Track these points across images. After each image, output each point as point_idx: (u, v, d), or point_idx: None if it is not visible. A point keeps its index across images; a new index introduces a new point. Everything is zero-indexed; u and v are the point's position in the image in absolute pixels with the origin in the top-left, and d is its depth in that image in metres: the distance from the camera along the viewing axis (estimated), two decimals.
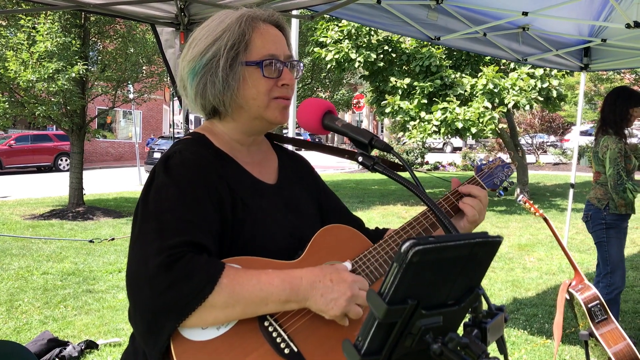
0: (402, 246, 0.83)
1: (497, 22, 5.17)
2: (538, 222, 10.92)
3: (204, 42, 1.40)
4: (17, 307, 5.86)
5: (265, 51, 1.40)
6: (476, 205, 1.53)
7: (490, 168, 1.69)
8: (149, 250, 1.21)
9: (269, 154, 1.59)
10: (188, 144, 1.43)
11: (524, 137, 27.02)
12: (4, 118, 12.07)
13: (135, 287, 1.21)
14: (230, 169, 1.43)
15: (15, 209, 12.94)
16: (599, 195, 4.52)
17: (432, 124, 11.98)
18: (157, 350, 1.21)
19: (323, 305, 1.27)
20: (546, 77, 12.29)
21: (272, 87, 1.41)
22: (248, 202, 1.40)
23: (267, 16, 1.45)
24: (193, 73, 1.41)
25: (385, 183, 19.07)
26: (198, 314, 1.18)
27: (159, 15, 4.12)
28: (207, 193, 1.32)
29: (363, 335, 0.89)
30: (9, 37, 11.53)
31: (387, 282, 0.85)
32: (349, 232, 1.51)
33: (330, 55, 13.13)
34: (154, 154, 21.24)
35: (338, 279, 1.29)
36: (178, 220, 1.26)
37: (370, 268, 1.44)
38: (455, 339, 0.90)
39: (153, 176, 1.36)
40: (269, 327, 1.28)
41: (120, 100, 13.80)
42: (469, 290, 0.96)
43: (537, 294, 6.36)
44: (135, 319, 1.22)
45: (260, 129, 1.50)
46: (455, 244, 0.88)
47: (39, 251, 8.52)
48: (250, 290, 1.22)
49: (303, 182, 1.62)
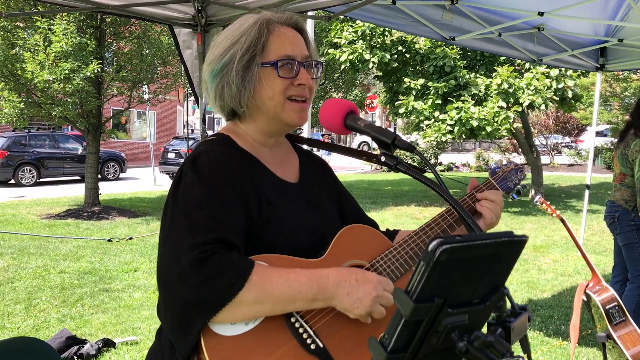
0: (429, 245, 0.84)
1: (512, 22, 5.15)
2: (553, 224, 10.85)
3: (222, 45, 1.46)
4: (35, 305, 5.93)
5: (282, 52, 1.44)
6: (494, 208, 1.56)
7: (504, 171, 1.72)
8: (181, 247, 1.24)
9: (290, 155, 1.63)
10: (213, 144, 1.47)
11: (539, 138, 26.84)
12: (20, 118, 12.20)
13: (167, 283, 1.25)
14: (255, 169, 1.46)
15: (31, 209, 13.08)
16: (626, 196, 4.46)
17: (446, 123, 11.94)
18: (188, 345, 1.23)
19: (349, 304, 1.29)
20: (561, 77, 12.21)
21: (287, 86, 1.44)
22: (273, 201, 1.43)
23: (286, 19, 1.49)
24: (212, 75, 1.46)
25: (399, 184, 19.03)
26: (228, 309, 1.21)
27: (177, 17, 4.16)
28: (234, 192, 1.36)
29: (389, 333, 0.90)
30: (26, 38, 11.66)
31: (414, 280, 0.86)
32: (370, 232, 1.54)
33: (344, 56, 13.14)
34: (168, 154, 21.36)
35: (364, 279, 1.31)
36: (207, 217, 1.29)
37: (392, 267, 1.46)
38: (480, 337, 0.91)
39: (181, 175, 1.39)
40: (295, 323, 1.31)
41: (135, 101, 13.90)
42: (494, 289, 0.97)
43: (553, 295, 6.32)
44: (166, 314, 1.26)
45: (279, 130, 1.53)
46: (482, 243, 0.88)
47: (56, 250, 8.61)
48: (279, 288, 1.25)
49: (323, 182, 1.65)
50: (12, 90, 11.80)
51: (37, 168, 20.05)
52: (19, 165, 19.56)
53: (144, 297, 6.27)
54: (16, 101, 11.79)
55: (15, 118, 12.03)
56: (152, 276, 7.14)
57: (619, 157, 4.52)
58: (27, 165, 19.81)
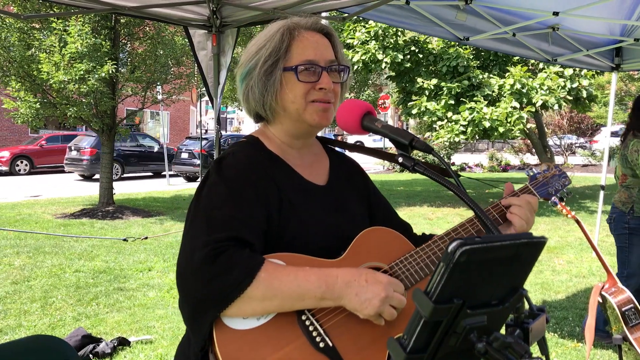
0: (449, 246, 0.85)
1: (526, 22, 5.13)
2: (567, 224, 10.78)
3: (250, 51, 1.51)
4: (51, 303, 5.99)
5: (304, 57, 1.46)
6: (522, 214, 1.55)
7: (545, 177, 1.70)
8: (196, 244, 1.31)
9: (321, 157, 1.66)
10: (242, 146, 1.54)
11: (552, 138, 26.65)
12: (36, 119, 12.32)
13: (182, 277, 1.31)
14: (280, 171, 1.50)
15: (47, 208, 13.20)
16: (623, 198, 4.51)
17: (459, 123, 11.90)
18: (201, 336, 1.30)
19: (357, 304, 1.31)
20: (576, 77, 12.13)
21: (309, 90, 1.46)
22: (295, 202, 1.46)
23: (311, 24, 1.51)
24: (240, 80, 1.53)
25: (411, 184, 19.00)
26: (237, 304, 1.26)
27: (192, 18, 4.19)
28: (255, 192, 1.40)
29: (409, 334, 0.91)
30: (42, 39, 11.77)
31: (434, 281, 0.87)
32: (391, 234, 1.54)
33: (357, 57, 13.14)
34: (181, 154, 21.48)
35: (373, 280, 1.32)
36: (225, 216, 1.35)
37: (411, 271, 1.47)
38: (499, 339, 0.92)
39: (208, 175, 1.45)
40: (306, 320, 1.33)
41: (149, 101, 13.99)
42: (512, 290, 0.97)
43: (567, 296, 6.29)
44: (183, 306, 1.33)
45: (304, 132, 1.55)
46: (501, 245, 0.89)
47: (71, 249, 8.68)
48: (287, 285, 1.29)
49: (353, 184, 1.67)
50: (28, 91, 11.92)
51: (121, 164, 21.48)
52: None
53: (158, 296, 6.31)
54: (32, 101, 11.90)
55: (31, 118, 12.15)
56: (166, 275, 7.18)
57: (621, 158, 4.58)
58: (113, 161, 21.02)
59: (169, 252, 8.48)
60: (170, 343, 4.83)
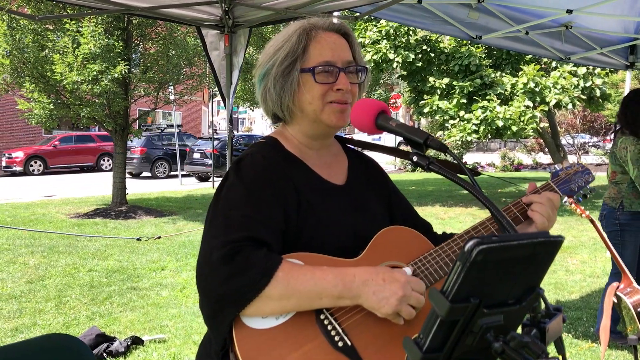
0: (465, 245, 0.85)
1: (539, 21, 5.10)
2: (580, 224, 10.70)
3: (267, 52, 1.52)
4: (65, 303, 6.04)
5: (321, 58, 1.47)
6: (543, 211, 1.54)
7: (567, 174, 1.68)
8: (214, 244, 1.32)
9: (339, 157, 1.66)
10: (260, 147, 1.54)
11: (565, 138, 26.47)
12: (50, 120, 12.42)
13: (201, 277, 1.33)
14: (298, 171, 1.51)
15: (60, 208, 13.31)
16: (612, 194, 4.56)
17: (471, 122, 11.85)
18: (221, 335, 1.32)
19: (375, 303, 1.30)
20: (589, 75, 12.03)
21: (326, 91, 1.47)
22: (313, 202, 1.47)
23: (329, 24, 1.51)
24: (258, 81, 1.53)
25: (423, 184, 18.93)
26: (256, 304, 1.27)
27: (204, 18, 4.20)
28: (272, 193, 1.41)
29: (425, 333, 0.91)
30: (55, 40, 11.87)
31: (451, 280, 0.87)
32: (410, 233, 1.54)
33: (368, 56, 13.12)
34: (193, 154, 21.56)
35: (391, 279, 1.32)
36: (243, 217, 1.36)
37: (430, 270, 1.46)
38: (516, 338, 0.91)
39: (227, 176, 1.47)
40: (324, 320, 1.33)
41: (161, 102, 14.06)
42: (529, 289, 0.97)
43: (581, 297, 6.24)
44: (202, 306, 1.35)
45: (322, 133, 1.56)
46: (518, 244, 0.88)
47: (85, 249, 8.74)
48: (304, 284, 1.29)
49: (372, 184, 1.67)
50: (41, 92, 12.02)
51: (168, 163, 22.82)
52: (155, 160, 23.03)
53: (171, 295, 6.34)
54: (46, 102, 12.00)
55: (45, 119, 12.26)
56: (179, 275, 7.22)
57: (610, 156, 4.64)
58: (161, 160, 22.98)
59: (182, 252, 8.52)
60: (183, 342, 4.85)
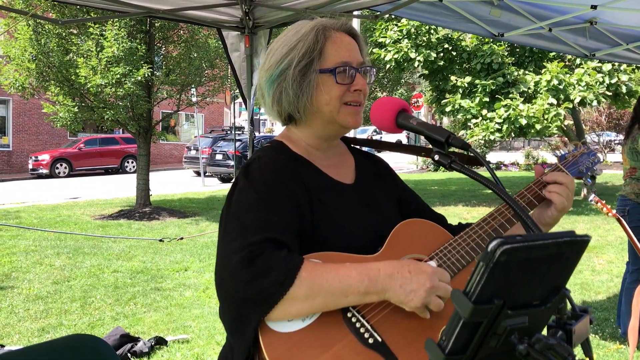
0: (489, 245, 0.83)
1: (563, 17, 5.01)
2: (607, 223, 10.52)
3: (280, 52, 1.47)
4: (90, 303, 6.12)
5: (339, 59, 1.46)
6: (563, 192, 1.51)
7: (574, 156, 1.66)
8: (232, 248, 1.29)
9: (346, 157, 1.64)
10: (266, 151, 1.52)
11: (590, 135, 26.07)
12: (74, 122, 12.61)
13: (221, 283, 1.30)
14: (307, 172, 1.49)
15: (85, 210, 13.49)
16: (637, 189, 4.53)
17: (494, 121, 11.72)
18: (245, 343, 1.27)
19: (403, 296, 1.28)
20: (614, 72, 11.82)
21: (344, 92, 1.46)
22: (326, 202, 1.45)
23: (341, 24, 1.50)
24: (270, 81, 1.48)
25: (445, 183, 18.80)
26: (282, 306, 1.23)
27: (225, 20, 4.22)
28: (284, 194, 1.39)
29: (447, 335, 0.89)
30: (79, 44, 12.04)
31: (473, 281, 0.85)
32: (427, 225, 1.52)
33: (389, 56, 13.06)
34: (216, 156, 21.71)
35: (417, 270, 1.29)
36: (257, 219, 1.33)
37: (452, 260, 1.44)
38: (542, 340, 0.89)
39: (236, 182, 1.45)
40: (352, 318, 1.31)
41: (184, 104, 14.17)
42: (555, 290, 0.94)
43: (608, 297, 6.13)
44: (224, 314, 1.30)
45: (334, 133, 1.55)
46: (543, 243, 0.86)
47: (109, 250, 8.85)
48: (329, 282, 1.26)
49: (381, 181, 1.65)
50: (66, 95, 12.21)
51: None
52: None
53: (194, 295, 6.38)
54: (70, 105, 12.19)
55: (70, 122, 12.46)
56: (202, 275, 7.26)
57: (629, 152, 4.60)
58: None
59: (205, 252, 8.57)
60: (206, 342, 4.87)
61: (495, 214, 1.52)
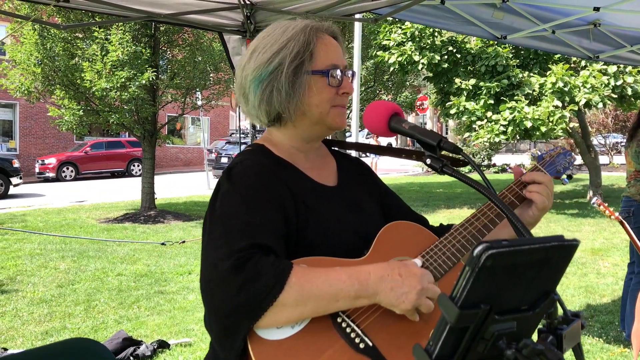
0: (474, 250, 0.82)
1: (566, 19, 4.99)
2: (612, 226, 10.47)
3: (269, 50, 1.44)
4: (94, 306, 6.13)
5: (329, 61, 1.46)
6: (543, 191, 1.52)
7: (551, 156, 1.68)
8: (219, 255, 1.26)
9: (327, 159, 1.63)
10: (249, 154, 1.50)
11: (597, 138, 25.99)
12: (79, 126, 12.67)
13: (208, 292, 1.26)
14: (291, 174, 1.47)
15: (91, 213, 13.54)
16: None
17: (499, 123, 11.68)
18: (234, 352, 1.24)
19: (394, 299, 1.27)
20: (620, 74, 11.77)
21: (334, 95, 1.46)
22: (310, 205, 1.43)
23: (327, 27, 1.50)
24: (258, 80, 1.44)
25: (451, 186, 18.76)
26: (271, 313, 1.21)
27: (226, 24, 4.22)
28: (269, 197, 1.37)
29: (434, 340, 0.89)
30: (85, 48, 12.10)
31: (459, 286, 0.84)
32: (413, 227, 1.51)
33: (393, 58, 13.04)
34: (221, 159, 21.77)
35: (407, 273, 1.28)
36: (243, 224, 1.30)
37: (439, 262, 1.43)
38: (529, 345, 0.88)
39: (219, 187, 1.42)
40: (342, 323, 1.29)
41: (189, 107, 14.21)
42: (544, 295, 0.94)
43: (613, 300, 6.09)
44: (211, 323, 1.27)
45: (320, 134, 1.55)
46: (530, 248, 0.86)
47: (114, 253, 8.87)
48: (319, 287, 1.24)
49: (363, 184, 1.64)
50: (72, 99, 12.28)
51: None
52: None
53: (197, 299, 6.38)
54: (76, 109, 12.26)
55: (75, 125, 12.52)
56: None
57: (633, 155, 4.62)
58: None
59: None
60: (209, 346, 4.87)
61: (479, 214, 1.52)
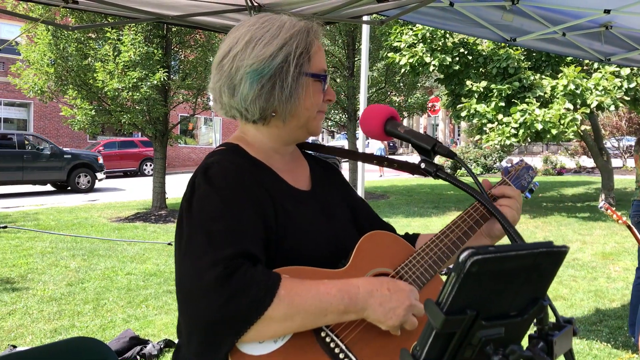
0: (460, 255, 0.82)
1: (577, 21, 4.96)
2: (624, 230, 10.34)
3: (271, 44, 1.36)
4: (102, 305, 6.17)
5: (322, 66, 1.44)
6: (513, 205, 1.51)
7: (516, 170, 1.70)
8: (202, 264, 1.18)
9: (300, 161, 1.58)
10: (224, 154, 1.41)
11: (610, 140, 25.75)
12: (92, 126, 12.78)
13: (189, 303, 1.18)
14: (267, 177, 1.42)
15: (102, 212, 13.63)
16: None
17: (510, 126, 11.62)
18: None
19: (382, 315, 1.24)
20: (633, 76, 11.67)
21: (321, 101, 1.44)
22: (289, 209, 1.38)
23: (323, 32, 1.48)
24: (259, 74, 1.35)
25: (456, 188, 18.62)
26: (257, 327, 1.15)
27: (233, 25, 4.24)
28: (249, 201, 1.31)
29: (421, 345, 0.89)
30: (97, 49, 12.20)
31: (445, 291, 0.84)
32: (391, 238, 1.49)
33: (404, 60, 13.01)
34: None
35: (395, 288, 1.27)
36: (226, 229, 1.23)
37: (417, 274, 1.41)
38: (516, 352, 0.88)
39: (193, 188, 1.33)
40: (326, 337, 1.26)
41: (200, 108, 14.29)
42: (532, 301, 0.93)
43: (623, 305, 6.04)
44: (190, 335, 1.19)
45: (300, 138, 1.51)
46: (517, 254, 0.85)
47: (124, 252, 8.93)
48: (309, 302, 1.20)
49: (335, 189, 1.61)
50: (84, 99, 12.39)
51: None
52: None
53: None
54: (88, 109, 12.36)
55: (87, 125, 12.63)
56: None
57: None
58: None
59: None
60: None
61: (453, 226, 1.51)
